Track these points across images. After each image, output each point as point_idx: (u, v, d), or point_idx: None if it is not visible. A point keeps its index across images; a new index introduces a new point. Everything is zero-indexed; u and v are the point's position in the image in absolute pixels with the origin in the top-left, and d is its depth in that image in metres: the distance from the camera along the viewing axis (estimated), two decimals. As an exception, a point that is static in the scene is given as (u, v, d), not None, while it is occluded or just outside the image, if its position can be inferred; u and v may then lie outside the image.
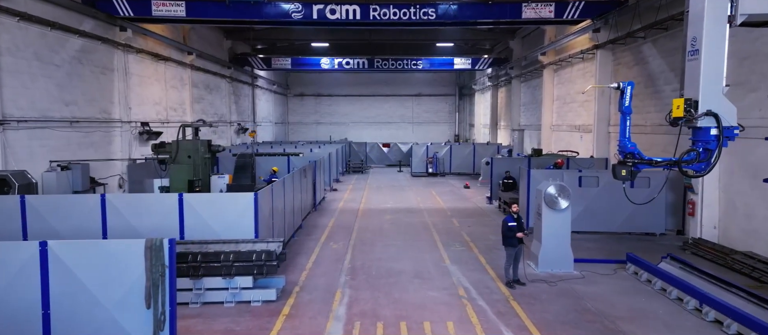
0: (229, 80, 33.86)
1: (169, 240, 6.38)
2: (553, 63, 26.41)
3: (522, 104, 33.64)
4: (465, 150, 33.66)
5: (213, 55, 30.71)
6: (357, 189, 26.61)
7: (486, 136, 43.56)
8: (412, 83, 53.41)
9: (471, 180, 29.16)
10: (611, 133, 20.27)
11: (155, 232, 10.38)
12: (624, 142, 10.19)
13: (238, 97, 36.44)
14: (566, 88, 25.39)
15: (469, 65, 35.55)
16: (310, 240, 14.79)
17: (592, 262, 12.22)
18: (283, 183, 13.68)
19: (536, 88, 30.37)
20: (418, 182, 29.52)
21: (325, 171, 24.97)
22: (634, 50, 18.48)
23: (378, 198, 23.05)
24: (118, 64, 19.91)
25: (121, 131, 20.09)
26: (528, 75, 31.79)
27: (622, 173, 10.07)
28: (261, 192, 11.03)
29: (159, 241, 6.34)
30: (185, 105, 26.75)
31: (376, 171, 36.12)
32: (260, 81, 41.88)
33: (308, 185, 18.84)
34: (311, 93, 53.92)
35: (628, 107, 10.17)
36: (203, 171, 16.41)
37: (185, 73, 26.74)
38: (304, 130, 54.08)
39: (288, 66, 35.50)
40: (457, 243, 14.38)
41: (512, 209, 11.22)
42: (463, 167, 33.22)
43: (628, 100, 10.19)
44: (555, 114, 27.05)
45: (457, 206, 20.90)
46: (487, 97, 43.35)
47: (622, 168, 10.06)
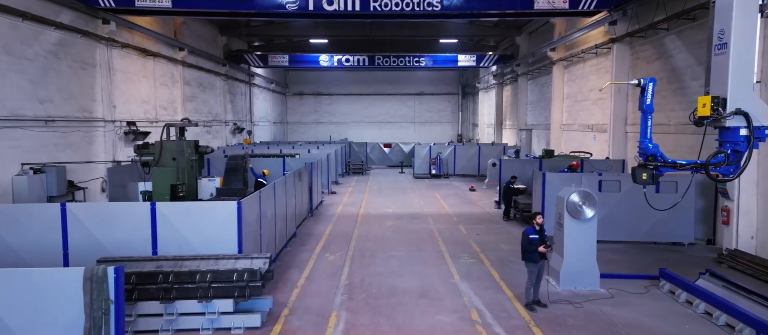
0: (224, 78, 32.53)
1: (116, 269, 5.08)
2: (564, 59, 25.05)
3: (529, 103, 32.28)
4: (469, 150, 32.30)
5: (207, 51, 29.38)
6: (357, 191, 25.27)
7: (490, 136, 42.19)
8: (414, 82, 52.06)
9: (476, 183, 27.81)
10: (629, 133, 18.92)
11: (124, 247, 9.08)
12: (645, 144, 9.14)
13: (234, 95, 35.11)
14: (578, 85, 24.03)
15: (474, 62, 34.18)
16: (304, 251, 13.45)
17: (620, 278, 10.87)
18: (274, 188, 12.34)
19: (545, 85, 29.00)
20: (421, 184, 28.17)
21: (323, 173, 23.65)
22: (655, 43, 17.12)
23: (379, 202, 21.71)
24: (101, 60, 18.58)
25: (105, 131, 18.76)
26: (535, 72, 30.42)
27: (642, 177, 9.08)
28: (246, 200, 9.70)
29: (101, 270, 5.03)
30: (176, 103, 25.42)
31: (377, 173, 34.78)
32: (257, 79, 40.54)
33: (303, 189, 17.52)
34: (310, 92, 52.58)
35: (649, 105, 9.13)
36: (189, 174, 15.10)
37: (176, 70, 25.41)
38: (304, 130, 52.75)
39: (285, 63, 34.16)
40: (466, 255, 13.03)
41: (537, 221, 9.83)
42: (468, 168, 31.87)
43: (650, 97, 9.18)
44: (565, 113, 25.69)
45: (464, 211, 19.55)
46: (491, 95, 41.99)
47: (643, 171, 9.05)
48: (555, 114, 26.19)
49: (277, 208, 12.55)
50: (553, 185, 14.19)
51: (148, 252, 9.15)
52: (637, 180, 9.04)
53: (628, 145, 18.94)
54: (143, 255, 8.97)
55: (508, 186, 17.80)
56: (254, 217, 10.33)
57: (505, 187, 18.00)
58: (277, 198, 12.67)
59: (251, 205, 10.11)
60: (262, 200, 11.07)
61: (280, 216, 12.93)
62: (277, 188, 12.65)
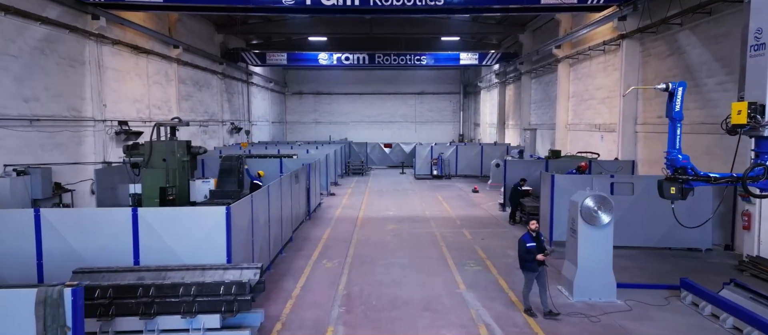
0: (221, 77, 31.83)
1: (73, 291, 4.36)
2: (569, 57, 24.34)
3: (533, 102, 31.56)
4: (472, 150, 31.58)
5: (203, 49, 28.68)
6: (357, 193, 24.57)
7: (493, 135, 41.49)
8: (415, 81, 51.36)
9: (479, 184, 27.10)
10: (639, 133, 18.20)
11: (103, 257, 8.38)
12: (674, 154, 8.38)
13: (231, 94, 34.41)
14: (584, 83, 23.31)
15: (476, 61, 33.47)
16: (301, 257, 12.74)
17: (638, 288, 10.16)
18: (268, 191, 11.64)
19: (549, 84, 28.30)
20: (422, 185, 27.46)
21: (322, 174, 22.96)
22: (668, 39, 16.40)
23: (379, 204, 21.01)
24: (90, 57, 17.88)
25: (95, 131, 18.06)
26: (540, 70, 29.71)
27: (671, 191, 8.30)
28: (236, 205, 8.99)
29: (56, 292, 4.33)
30: (171, 102, 24.72)
31: (378, 173, 34.08)
32: (255, 78, 39.83)
33: (301, 191, 16.82)
34: (310, 91, 51.88)
35: (678, 112, 8.41)
36: (181, 176, 14.41)
37: (171, 68, 24.71)
38: (303, 130, 52.06)
39: (284, 61, 33.45)
40: (471, 261, 12.32)
41: (530, 226, 9.21)
42: (470, 169, 31.16)
43: (680, 103, 8.44)
44: (571, 112, 24.98)
45: (467, 214, 18.84)
46: (493, 94, 41.28)
47: (672, 185, 8.30)
48: (560, 113, 25.48)
49: (271, 212, 11.85)
50: (562, 188, 13.48)
51: (129, 261, 8.44)
52: (665, 195, 8.32)
53: (638, 145, 18.24)
54: (124, 266, 8.27)
55: (516, 189, 17.09)
56: (245, 223, 9.63)
57: (513, 189, 17.29)
58: (272, 202, 11.97)
59: (242, 210, 9.41)
60: (255, 204, 10.37)
61: (274, 220, 12.22)
62: (271, 191, 11.95)
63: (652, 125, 17.24)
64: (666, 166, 8.66)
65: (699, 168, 8.39)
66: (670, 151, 8.51)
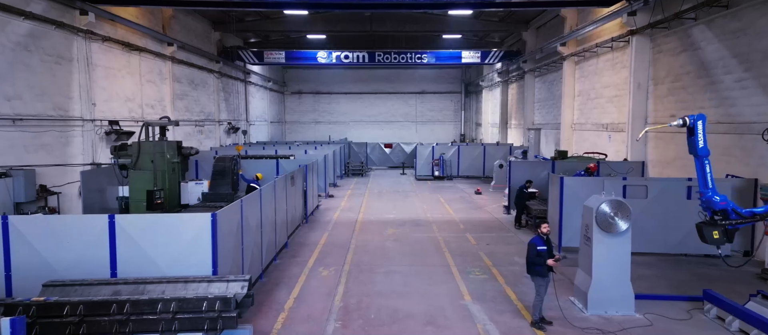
0: (218, 75, 31.14)
1: (12, 321, 3.73)
2: (575, 54, 23.63)
3: (536, 101, 30.84)
4: (474, 151, 30.88)
5: (198, 47, 27.99)
6: (356, 195, 23.87)
7: (495, 135, 40.79)
8: (416, 80, 50.68)
9: (482, 185, 26.40)
10: (649, 133, 17.49)
11: (77, 268, 7.69)
12: (709, 196, 7.67)
13: (229, 93, 33.72)
14: (590, 81, 22.61)
15: (479, 59, 32.76)
16: (295, 265, 12.04)
17: (657, 299, 9.45)
18: (260, 195, 10.94)
19: (554, 83, 27.59)
20: (423, 187, 26.76)
21: (320, 176, 22.28)
22: (680, 34, 15.69)
23: (379, 207, 20.30)
24: (79, 53, 17.19)
25: (83, 131, 17.37)
26: (544, 69, 29.00)
27: (714, 236, 7.61)
28: (224, 211, 8.29)
29: (-9, 323, 3.63)
30: (165, 102, 24.03)
31: (378, 174, 33.37)
32: (254, 77, 39.15)
33: (297, 194, 16.13)
34: (309, 90, 51.20)
35: (704, 148, 7.72)
36: (171, 178, 13.76)
37: (165, 66, 24.02)
38: (302, 130, 51.39)
39: (282, 60, 32.74)
40: (476, 269, 11.62)
41: (542, 229, 8.57)
42: (473, 170, 30.46)
43: (702, 138, 7.69)
44: (576, 111, 24.27)
45: (471, 217, 18.14)
46: (496, 94, 40.58)
47: (714, 229, 7.59)
48: (565, 112, 24.77)
49: (264, 217, 11.15)
50: (572, 191, 12.78)
51: (105, 274, 7.75)
52: (708, 241, 7.69)
53: (649, 145, 17.53)
54: (98, 279, 7.58)
55: (522, 191, 16.38)
56: (234, 230, 8.93)
57: (518, 192, 16.58)
58: (265, 206, 11.27)
59: (230, 217, 8.71)
60: (245, 209, 9.67)
61: (267, 225, 11.53)
62: (264, 194, 11.26)
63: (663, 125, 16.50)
64: (702, 208, 7.97)
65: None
66: (704, 192, 7.82)
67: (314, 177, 19.43)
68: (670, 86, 16.20)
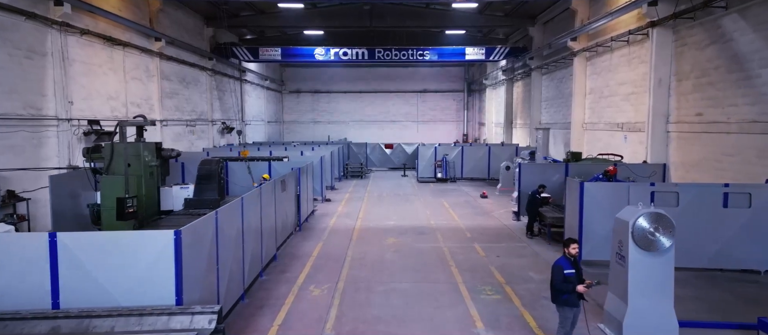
0: (211, 73, 29.82)
1: None
2: (587, 49, 22.27)
3: (544, 100, 29.49)
4: (478, 152, 29.52)
5: (189, 43, 26.67)
6: (354, 198, 22.54)
7: (499, 135, 39.46)
8: (417, 78, 49.37)
9: (487, 188, 25.06)
10: (671, 133, 16.14)
11: (11, 297, 6.37)
12: None
13: (223, 92, 32.41)
14: (603, 78, 21.25)
15: (483, 56, 31.41)
16: (283, 282, 10.72)
17: (702, 327, 8.12)
18: (241, 204, 9.61)
19: (563, 80, 26.24)
20: (425, 189, 25.42)
21: (316, 178, 20.95)
22: (708, 26, 14.34)
23: (379, 212, 18.97)
24: (53, 47, 15.87)
25: (58, 131, 16.05)
26: (552, 66, 27.64)
27: None
28: (189, 228, 6.95)
29: None
30: (153, 100, 22.72)
31: (378, 176, 32.04)
32: (250, 75, 37.84)
33: (289, 199, 14.80)
34: (308, 89, 49.90)
35: None
36: (148, 183, 12.44)
37: (152, 63, 22.70)
38: (301, 130, 50.11)
39: (278, 57, 31.41)
40: (487, 287, 10.29)
41: (569, 250, 7.24)
42: (477, 171, 29.12)
43: None
44: (588, 110, 22.92)
45: (478, 224, 16.80)
46: (500, 92, 39.24)
47: None
48: (576, 111, 23.42)
49: (247, 228, 9.83)
50: (593, 197, 11.45)
51: (45, 305, 6.42)
52: None
53: (671, 146, 16.17)
54: (35, 311, 6.26)
55: (534, 197, 15.05)
56: (206, 248, 7.60)
57: (530, 198, 15.25)
58: (248, 216, 9.95)
59: (201, 232, 7.38)
60: (223, 221, 8.34)
61: (251, 237, 10.21)
62: (246, 203, 9.93)
63: (688, 124, 15.18)
64: None
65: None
66: None
67: (309, 181, 18.11)
68: (695, 82, 14.85)
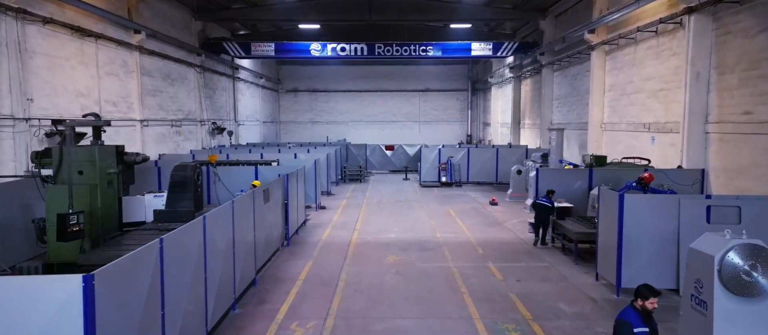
0: (200, 70, 27.91)
1: None
2: (607, 42, 20.31)
3: (556, 98, 27.53)
4: (485, 154, 27.56)
5: (175, 37, 24.76)
6: (352, 205, 20.60)
7: (505, 136, 37.52)
8: (419, 77, 47.44)
9: (497, 193, 23.11)
10: (711, 135, 14.17)
11: None
12: None
13: (213, 90, 30.51)
14: (626, 74, 19.30)
15: (490, 51, 29.43)
16: (260, 316, 8.77)
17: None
18: (203, 223, 7.65)
19: (578, 76, 24.28)
20: (429, 195, 23.47)
21: (309, 184, 19.01)
22: (759, 10, 12.38)
23: (378, 222, 17.04)
24: (9, 37, 13.96)
25: (14, 132, 14.14)
26: (565, 61, 25.68)
27: None
28: (110, 268, 5.00)
29: None
30: (132, 98, 20.81)
31: (378, 180, 30.09)
32: (243, 73, 35.94)
33: (275, 210, 12.86)
34: (305, 88, 47.99)
35: None
36: (106, 194, 10.57)
37: (131, 57, 20.79)
38: (299, 131, 48.22)
39: (271, 52, 29.46)
40: (510, 324, 8.34)
41: (647, 303, 5.25)
42: (484, 175, 27.16)
43: None
44: (607, 109, 20.96)
45: (490, 237, 14.84)
46: (506, 91, 37.29)
47: None
48: (593, 110, 21.46)
49: (213, 252, 7.90)
50: (635, 212, 9.50)
51: None
52: None
53: (710, 150, 14.20)
54: None
55: (544, 206, 13.15)
56: (143, 289, 5.65)
57: (539, 206, 13.35)
58: (214, 237, 8.01)
59: (131, 271, 5.43)
60: (171, 250, 6.38)
61: (218, 264, 8.26)
62: (214, 221, 8.00)
63: (733, 124, 13.21)
64: None
65: None
66: None
67: (300, 188, 16.17)
68: (743, 75, 12.88)
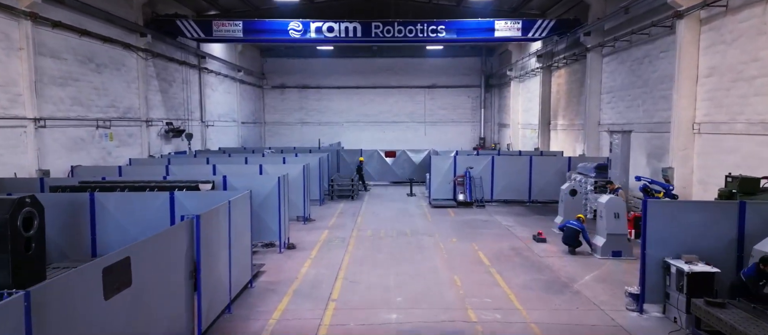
0: (146, 55, 21.65)
1: None
2: (707, 4, 13.96)
3: (607, 90, 21.16)
4: (515, 164, 21.15)
5: (103, 9, 18.48)
6: (334, 241, 14.23)
7: (529, 140, 31.20)
8: (425, 71, 41.13)
9: (535, 220, 16.75)
10: None
11: None
12: None
13: (169, 83, 24.23)
14: (740, 51, 12.96)
15: (519, 31, 23.05)
16: None
17: None
18: None
19: (646, 60, 17.91)
20: (444, 221, 17.10)
21: (271, 212, 12.68)
22: None
23: (371, 282, 10.68)
24: None
25: None
26: (623, 41, 19.31)
27: None
28: None
29: None
30: (20, 86, 14.54)
31: (376, 196, 23.72)
32: (214, 64, 29.65)
33: (161, 292, 6.48)
34: (294, 84, 41.70)
35: None
36: None
37: (18, 29, 14.50)
38: (287, 133, 41.93)
39: (239, 33, 23.11)
40: None
41: None
42: (513, 191, 20.82)
43: None
44: (705, 103, 14.60)
45: (563, 320, 8.45)
46: (531, 85, 30.97)
47: None
48: (679, 105, 15.09)
49: None
50: None
51: None
52: None
53: None
54: None
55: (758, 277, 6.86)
56: None
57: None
58: None
59: None
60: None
61: None
62: None
63: None
64: None
65: None
66: None
67: (242, 229, 9.77)
68: None
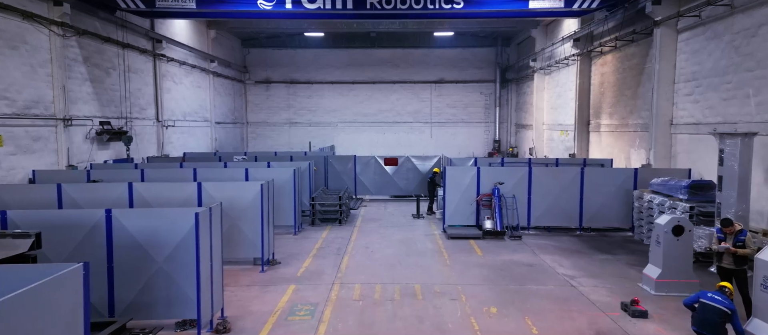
0: (67, 32, 16.21)
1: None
2: None
3: (687, 79, 15.64)
4: (561, 177, 15.54)
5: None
6: (299, 314, 8.70)
7: (557, 143, 25.77)
8: (431, 63, 35.76)
9: (606, 264, 11.22)
10: None
11: None
12: None
13: (104, 70, 18.77)
14: None
15: (561, 4, 17.56)
16: None
17: None
18: None
19: (756, 35, 12.37)
20: (469, 267, 11.55)
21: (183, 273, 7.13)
22: None
23: None
24: None
25: None
26: (722, 4, 13.77)
27: None
28: None
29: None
30: None
31: (371, 218, 18.16)
32: (175, 51, 24.23)
33: None
34: (281, 79, 36.28)
35: None
36: None
37: None
38: (273, 135, 36.52)
39: (191, 7, 17.69)
40: None
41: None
42: (556, 215, 15.27)
43: None
44: None
45: None
46: (562, 77, 25.52)
47: None
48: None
49: None
50: None
51: None
52: None
53: None
54: None
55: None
56: None
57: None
58: None
59: None
60: None
61: None
62: None
63: None
64: None
65: None
66: None
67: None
68: None
